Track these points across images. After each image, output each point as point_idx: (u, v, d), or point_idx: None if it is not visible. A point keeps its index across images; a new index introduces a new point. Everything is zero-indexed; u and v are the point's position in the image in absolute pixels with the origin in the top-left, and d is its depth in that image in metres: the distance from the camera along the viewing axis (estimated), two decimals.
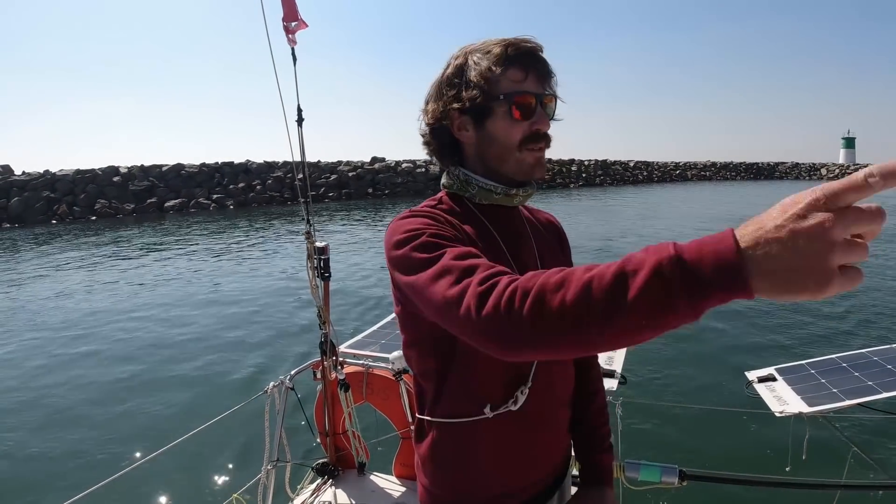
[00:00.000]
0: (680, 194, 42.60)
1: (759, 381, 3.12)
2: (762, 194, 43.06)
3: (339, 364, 2.68)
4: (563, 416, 1.27)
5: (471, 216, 1.16)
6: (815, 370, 3.17)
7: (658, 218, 24.50)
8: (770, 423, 3.06)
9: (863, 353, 3.34)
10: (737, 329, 8.16)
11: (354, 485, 2.79)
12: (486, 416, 1.12)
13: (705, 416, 5.00)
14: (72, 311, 10.00)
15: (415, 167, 39.98)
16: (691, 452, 4.57)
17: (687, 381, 6.20)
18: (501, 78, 1.08)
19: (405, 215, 1.08)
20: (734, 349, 7.28)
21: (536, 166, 1.14)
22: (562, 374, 1.23)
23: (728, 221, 13.76)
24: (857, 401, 2.81)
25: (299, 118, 2.09)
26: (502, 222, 1.19)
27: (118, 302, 10.58)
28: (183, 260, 15.56)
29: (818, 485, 2.87)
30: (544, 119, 1.11)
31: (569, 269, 0.73)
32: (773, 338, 7.80)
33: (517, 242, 1.19)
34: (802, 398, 2.87)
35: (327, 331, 2.56)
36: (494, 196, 1.16)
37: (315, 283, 2.42)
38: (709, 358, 6.94)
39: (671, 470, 2.35)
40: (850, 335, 7.88)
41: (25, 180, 27.22)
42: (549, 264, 1.20)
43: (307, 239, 2.37)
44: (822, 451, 3.11)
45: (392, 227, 1.05)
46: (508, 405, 1.12)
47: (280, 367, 6.68)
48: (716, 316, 8.79)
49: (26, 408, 5.96)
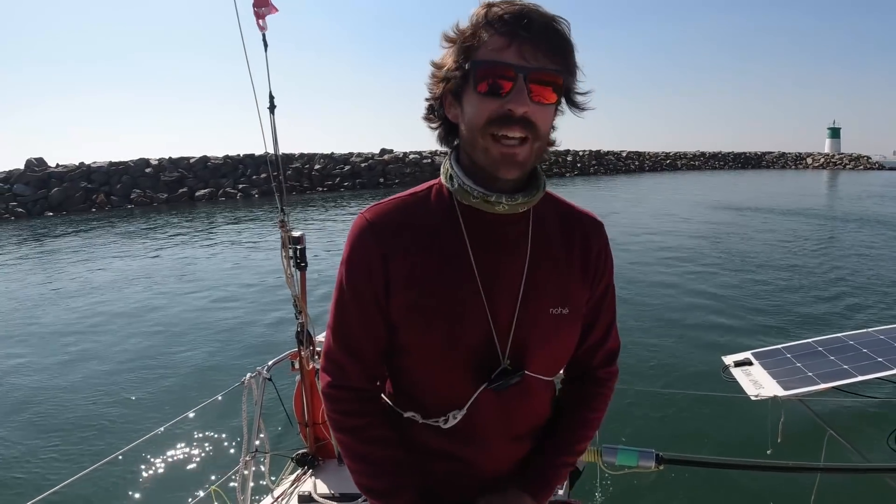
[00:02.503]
0: (669, 183, 43.41)
1: (735, 365, 3.16)
2: (744, 181, 44.18)
3: (316, 354, 2.66)
4: (508, 449, 1.13)
5: (449, 216, 1.04)
6: (791, 354, 3.21)
7: (646, 203, 25.37)
8: (747, 407, 3.09)
9: (839, 338, 3.38)
10: (714, 313, 8.24)
11: (334, 474, 2.78)
12: (415, 419, 1.11)
13: (682, 401, 5.05)
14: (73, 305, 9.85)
15: (421, 158, 40.86)
16: (668, 437, 4.63)
17: (664, 365, 6.26)
18: (481, 46, 0.91)
19: (353, 231, 1.06)
20: (711, 333, 7.35)
21: (502, 162, 0.93)
22: (511, 409, 1.09)
23: (708, 206, 13.73)
24: (832, 384, 2.85)
25: (271, 105, 2.06)
26: (483, 228, 1.03)
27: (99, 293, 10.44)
28: (190, 248, 15.61)
29: (795, 468, 2.90)
30: (520, 99, 0.89)
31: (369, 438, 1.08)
32: (750, 321, 7.89)
33: (497, 256, 1.03)
34: (778, 382, 2.90)
35: (304, 321, 2.53)
36: (472, 199, 1.00)
37: (290, 273, 2.40)
38: (686, 342, 7.01)
39: (648, 454, 2.37)
40: (825, 320, 7.99)
41: (63, 172, 28.69)
42: (541, 289, 1.05)
43: (281, 227, 2.34)
44: (798, 434, 3.15)
45: (350, 229, 1.07)
46: (439, 421, 1.08)
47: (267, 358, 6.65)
48: (693, 301, 8.89)
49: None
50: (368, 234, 1.03)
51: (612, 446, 2.38)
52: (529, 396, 1.10)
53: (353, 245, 1.06)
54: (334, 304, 1.09)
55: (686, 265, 11.81)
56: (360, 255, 1.04)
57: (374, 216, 1.05)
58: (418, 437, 1.12)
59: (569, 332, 1.11)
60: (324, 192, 33.87)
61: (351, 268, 1.05)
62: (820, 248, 14.10)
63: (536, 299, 1.04)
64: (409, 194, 1.09)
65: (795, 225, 18.36)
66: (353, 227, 1.07)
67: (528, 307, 1.04)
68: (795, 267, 11.65)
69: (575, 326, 1.11)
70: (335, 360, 1.10)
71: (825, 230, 17.28)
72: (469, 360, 1.03)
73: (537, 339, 1.05)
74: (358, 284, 1.05)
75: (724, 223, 18.83)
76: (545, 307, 1.05)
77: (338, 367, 1.10)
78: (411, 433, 1.12)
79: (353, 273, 1.05)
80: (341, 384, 1.09)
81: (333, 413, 1.10)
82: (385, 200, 1.07)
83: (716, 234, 16.38)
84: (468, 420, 1.06)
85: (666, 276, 10.83)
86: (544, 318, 1.05)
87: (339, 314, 1.09)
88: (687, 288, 9.87)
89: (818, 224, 18.84)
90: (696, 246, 14.21)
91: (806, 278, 10.60)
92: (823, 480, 3.19)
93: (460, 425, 1.07)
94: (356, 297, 1.05)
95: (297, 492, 2.61)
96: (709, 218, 20.52)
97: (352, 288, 1.06)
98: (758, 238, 15.67)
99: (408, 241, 1.03)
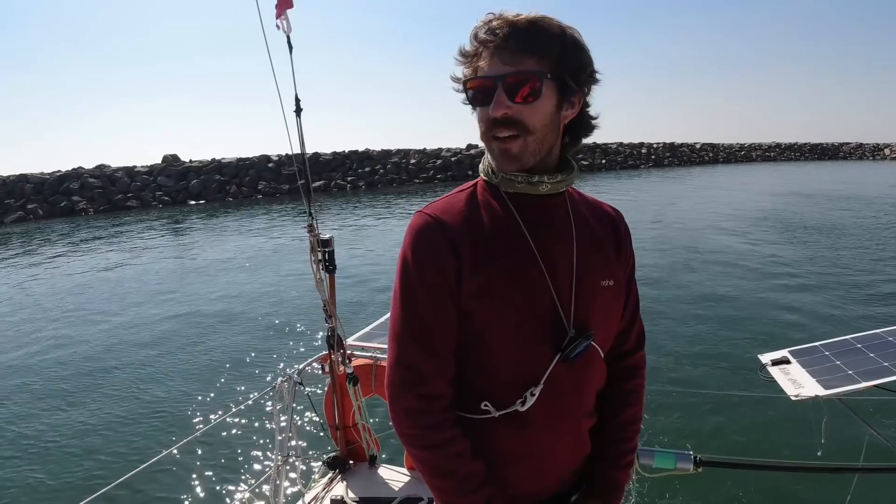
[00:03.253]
0: (741, 176, 43.60)
1: (773, 364, 3.07)
2: (817, 174, 43.87)
3: (346, 357, 2.66)
4: (582, 426, 1.20)
5: (500, 205, 1.12)
6: (829, 352, 3.12)
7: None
8: (785, 407, 3.02)
9: (877, 334, 3.27)
10: (749, 311, 8.09)
11: (366, 477, 2.77)
12: (491, 415, 1.11)
13: (720, 402, 4.96)
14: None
15: None
16: (706, 438, 4.53)
17: (700, 365, 6.16)
18: (474, 63, 1.05)
19: (416, 227, 1.09)
20: (747, 332, 7.21)
21: (502, 157, 1.06)
22: (582, 381, 1.16)
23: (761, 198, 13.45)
24: (873, 382, 2.75)
25: (297, 108, 2.06)
26: (533, 212, 1.12)
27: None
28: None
29: (835, 468, 2.83)
30: (500, 103, 1.00)
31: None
32: (786, 319, 7.73)
33: (549, 236, 1.12)
34: (818, 381, 2.82)
35: (333, 324, 2.53)
36: (517, 184, 1.09)
37: (319, 277, 2.39)
38: (722, 341, 6.88)
39: (686, 456, 2.32)
40: (862, 316, 7.79)
41: (199, 166, 33.75)
42: (590, 264, 1.15)
43: (309, 232, 2.34)
44: (838, 434, 3.06)
45: (409, 228, 1.11)
46: (516, 405, 1.09)
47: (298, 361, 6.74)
48: (727, 299, 8.74)
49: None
50: (434, 227, 1.08)
51: (649, 448, 2.33)
52: (593, 368, 1.18)
53: (417, 241, 1.09)
54: (401, 307, 1.09)
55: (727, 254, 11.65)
56: (428, 249, 1.07)
57: (433, 212, 1.10)
58: (493, 438, 1.12)
59: (616, 305, 1.22)
60: (420, 184, 37.32)
61: (419, 263, 1.08)
62: (868, 241, 13.81)
63: (589, 273, 1.14)
64: (458, 191, 1.16)
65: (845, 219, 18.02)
66: (413, 226, 1.10)
67: (584, 280, 1.13)
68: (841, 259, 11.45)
69: (620, 299, 1.22)
70: (411, 366, 1.08)
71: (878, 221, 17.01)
72: (540, 334, 1.10)
73: (595, 310, 1.15)
74: (429, 277, 1.07)
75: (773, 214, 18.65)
76: (597, 280, 1.15)
77: (416, 374, 1.08)
78: (486, 436, 1.12)
79: (423, 267, 1.07)
80: (423, 393, 1.07)
81: (416, 429, 1.08)
82: (437, 200, 1.14)
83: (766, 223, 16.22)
84: (544, 399, 1.10)
85: (703, 271, 10.69)
86: (597, 290, 1.15)
87: (408, 313, 1.08)
88: (727, 282, 9.74)
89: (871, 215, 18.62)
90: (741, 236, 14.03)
91: (849, 272, 10.38)
92: (862, 481, 3.09)
93: (537, 407, 1.10)
94: (429, 290, 1.07)
95: (330, 495, 2.61)
96: (760, 208, 20.67)
97: (423, 283, 1.07)
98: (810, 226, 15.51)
99: (469, 230, 1.09)
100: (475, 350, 1.10)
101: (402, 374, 1.08)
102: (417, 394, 1.07)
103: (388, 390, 1.10)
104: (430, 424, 1.07)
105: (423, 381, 1.07)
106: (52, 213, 27.49)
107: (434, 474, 1.09)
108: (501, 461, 1.13)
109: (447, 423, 1.08)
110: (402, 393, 1.08)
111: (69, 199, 28.40)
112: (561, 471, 1.20)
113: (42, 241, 19.41)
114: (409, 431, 1.08)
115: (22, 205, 27.52)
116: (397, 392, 1.09)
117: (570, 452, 1.19)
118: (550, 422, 1.13)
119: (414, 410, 1.07)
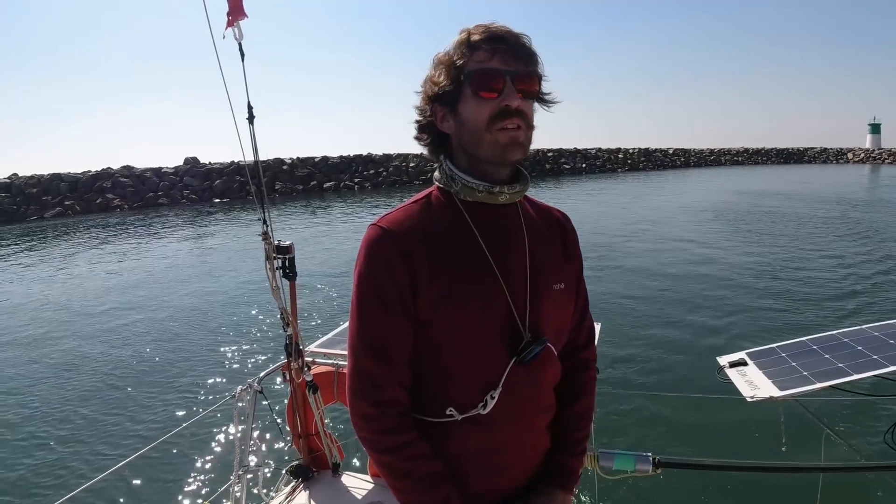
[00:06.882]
0: (713, 177, 45.74)
1: (730, 365, 3.13)
2: (781, 176, 45.79)
3: (306, 365, 2.63)
4: (540, 421, 1.26)
5: (455, 214, 1.16)
6: (785, 353, 3.18)
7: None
8: (744, 409, 3.07)
9: (833, 335, 3.35)
10: (708, 314, 8.22)
11: (329, 486, 2.74)
12: (454, 418, 1.15)
13: (678, 404, 5.03)
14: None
15: None
16: (665, 440, 4.60)
17: (659, 368, 6.23)
18: (469, 61, 1.09)
19: (368, 240, 1.13)
20: (706, 334, 7.33)
21: (510, 146, 1.10)
22: (538, 379, 1.21)
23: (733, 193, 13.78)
24: (828, 383, 2.82)
25: (250, 116, 2.05)
26: (487, 221, 1.17)
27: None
28: None
29: (792, 468, 2.88)
30: (513, 95, 1.08)
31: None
32: (744, 320, 7.87)
33: (503, 244, 1.17)
34: (773, 382, 2.87)
35: (292, 332, 2.50)
36: (477, 194, 1.15)
37: (276, 285, 2.36)
38: (681, 344, 6.98)
39: (645, 458, 2.34)
40: (821, 317, 7.98)
41: (221, 168, 36.49)
42: (543, 270, 1.21)
43: (264, 240, 2.31)
44: (796, 434, 3.13)
45: (362, 241, 1.14)
46: (478, 409, 1.14)
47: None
48: (686, 301, 8.88)
49: None
50: (386, 239, 1.12)
51: (608, 451, 2.35)
52: (548, 366, 1.23)
53: (370, 253, 1.12)
54: (356, 318, 1.13)
55: (680, 260, 11.83)
56: (380, 261, 1.11)
57: (387, 224, 1.14)
58: (457, 440, 1.16)
59: (568, 305, 1.28)
60: (420, 185, 38.73)
61: (372, 275, 1.12)
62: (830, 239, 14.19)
63: (542, 278, 1.20)
64: (412, 202, 1.20)
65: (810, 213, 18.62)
66: (367, 238, 1.13)
67: (537, 286, 1.19)
68: (803, 259, 11.74)
69: (571, 301, 1.29)
70: (366, 374, 1.13)
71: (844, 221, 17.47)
72: (497, 339, 1.15)
73: (548, 313, 1.20)
74: (382, 289, 1.11)
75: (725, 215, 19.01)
76: (549, 284, 1.21)
77: (370, 382, 1.12)
78: (450, 438, 1.16)
79: (376, 279, 1.11)
80: (378, 400, 1.12)
81: (373, 434, 1.13)
82: (391, 211, 1.18)
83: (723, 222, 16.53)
84: (504, 400, 1.15)
85: (658, 274, 10.84)
86: (550, 294, 1.21)
87: (363, 325, 1.13)
88: (683, 287, 9.87)
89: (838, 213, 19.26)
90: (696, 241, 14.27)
91: (813, 272, 10.63)
92: (826, 479, 3.17)
93: (497, 408, 1.14)
94: (381, 301, 1.11)
95: None
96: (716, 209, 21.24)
97: (376, 294, 1.11)
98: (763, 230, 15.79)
99: (424, 240, 1.13)
100: (435, 357, 1.14)
101: (359, 382, 1.13)
102: (374, 400, 1.12)
103: (348, 397, 1.16)
104: (386, 429, 1.12)
105: (379, 389, 1.12)
106: (88, 210, 29.55)
107: (393, 476, 1.13)
108: (465, 460, 1.18)
109: (403, 427, 1.13)
110: (360, 400, 1.13)
111: (104, 196, 30.85)
112: (523, 466, 1.25)
113: (112, 234, 20.69)
114: (367, 436, 1.13)
115: (59, 201, 29.46)
116: (355, 399, 1.14)
117: (530, 447, 1.25)
118: (511, 420, 1.17)
119: (371, 416, 1.12)
